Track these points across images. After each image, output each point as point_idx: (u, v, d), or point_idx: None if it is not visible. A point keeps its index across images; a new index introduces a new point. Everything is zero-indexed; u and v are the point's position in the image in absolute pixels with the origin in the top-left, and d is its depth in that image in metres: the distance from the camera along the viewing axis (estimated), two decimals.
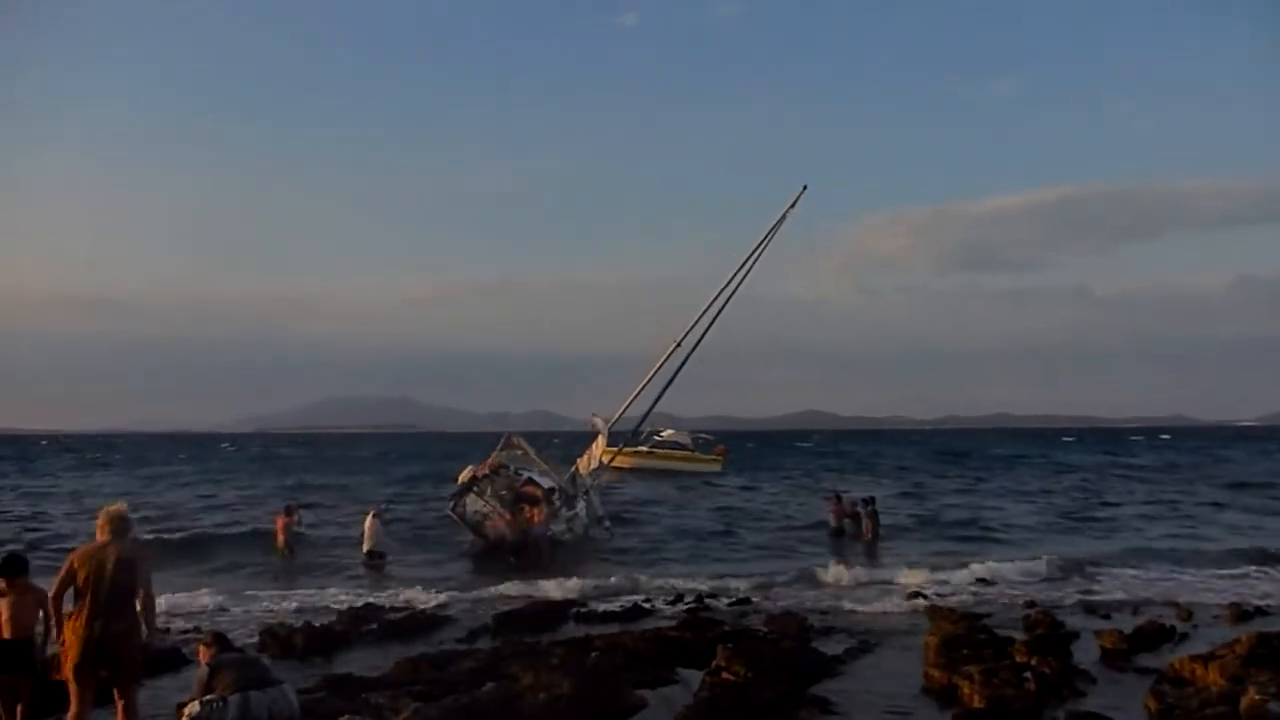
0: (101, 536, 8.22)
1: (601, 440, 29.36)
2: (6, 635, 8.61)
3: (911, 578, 19.99)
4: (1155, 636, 13.77)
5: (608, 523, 27.70)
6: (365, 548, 23.15)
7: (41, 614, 8.57)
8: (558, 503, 25.86)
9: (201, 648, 9.26)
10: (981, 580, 20.10)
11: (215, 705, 8.15)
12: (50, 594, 8.26)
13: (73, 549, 8.59)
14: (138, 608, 8.16)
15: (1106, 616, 16.08)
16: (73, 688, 8.03)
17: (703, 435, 71.78)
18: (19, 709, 8.90)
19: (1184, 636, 14.10)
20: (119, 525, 8.30)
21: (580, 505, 26.90)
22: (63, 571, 8.16)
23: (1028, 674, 10.96)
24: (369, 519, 23.52)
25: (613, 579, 20.25)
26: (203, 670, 8.61)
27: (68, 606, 8.15)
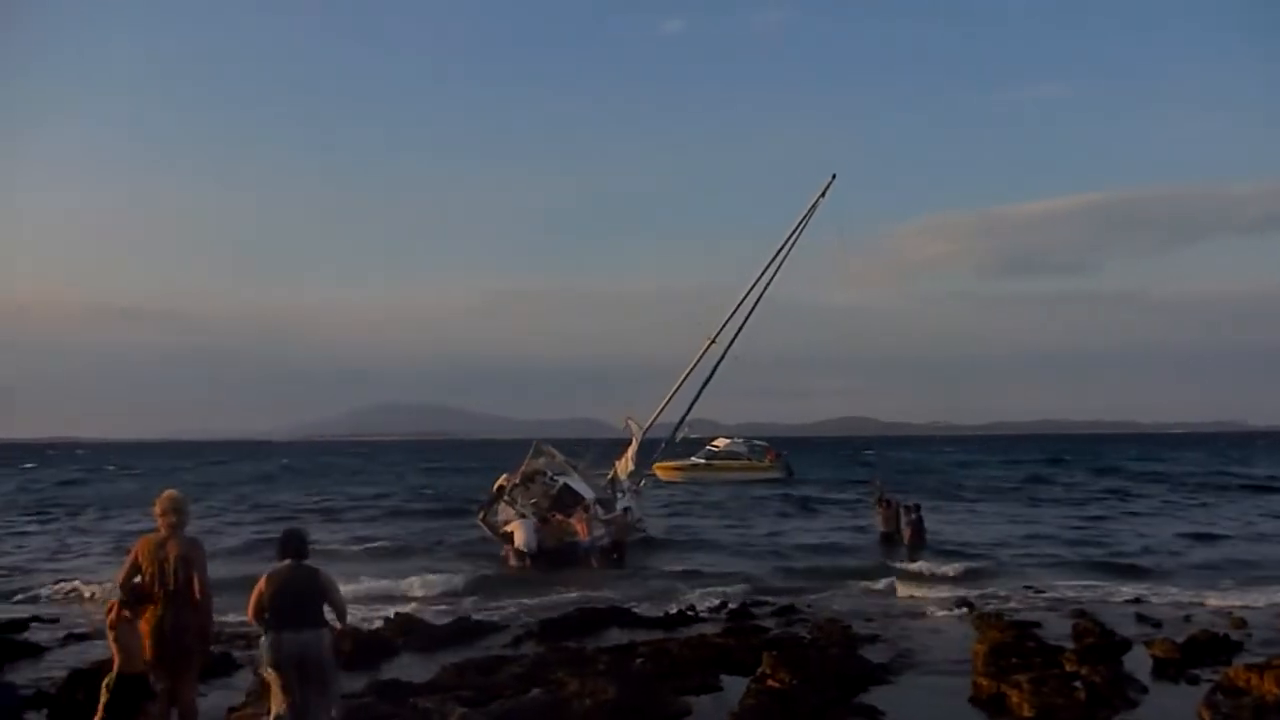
0: (163, 526, 8.34)
1: (636, 444, 29.27)
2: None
3: (959, 585, 19.83)
4: (1208, 646, 13.52)
5: (639, 528, 27.59)
6: (519, 548, 23.47)
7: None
8: (598, 511, 25.84)
9: None
10: (1030, 588, 19.87)
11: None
12: (118, 581, 8.39)
13: (138, 536, 8.73)
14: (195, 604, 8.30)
15: (1158, 625, 15.80)
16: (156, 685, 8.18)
17: (756, 442, 71.78)
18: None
19: (1238, 646, 13.85)
20: (178, 515, 8.39)
21: (619, 509, 26.85)
22: (129, 561, 8.31)
23: (1078, 683, 10.83)
24: (516, 520, 24.01)
25: (657, 585, 20.27)
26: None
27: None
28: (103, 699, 8.04)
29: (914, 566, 22.71)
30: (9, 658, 12.37)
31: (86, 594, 19.42)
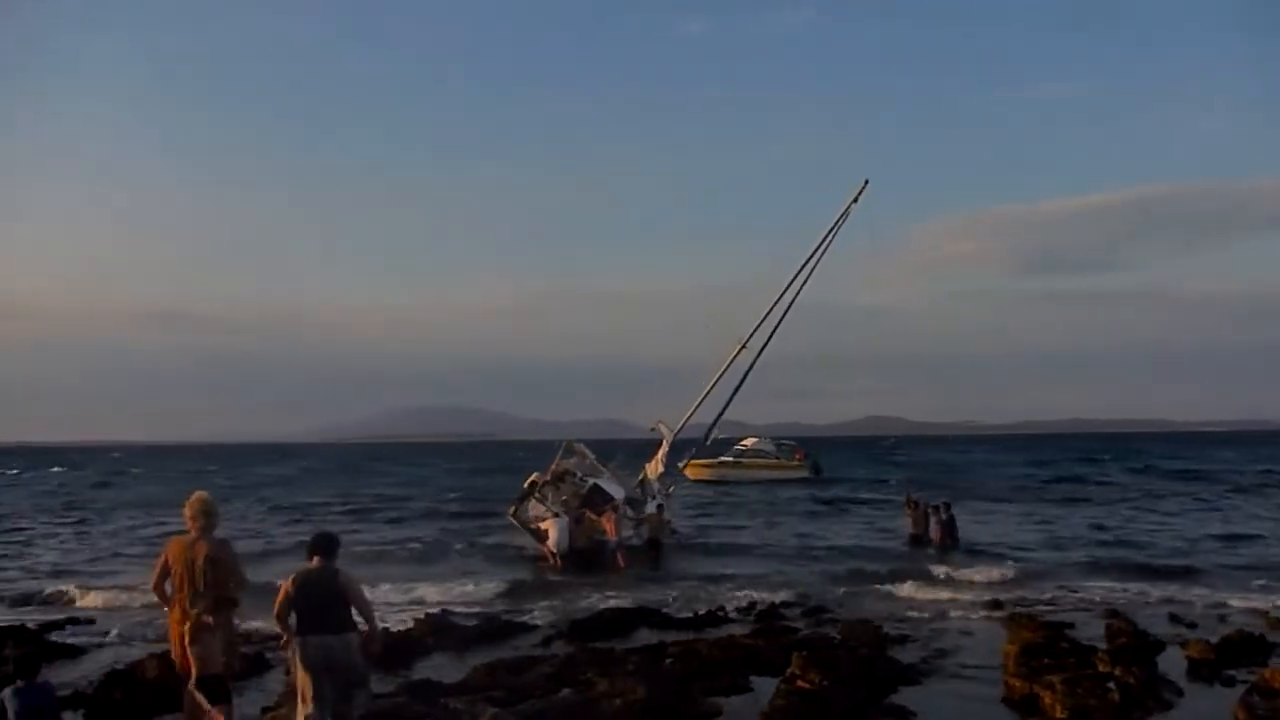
0: (192, 528, 8.43)
1: (666, 446, 29.35)
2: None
3: (989, 585, 19.71)
4: (1244, 646, 13.37)
5: (672, 529, 27.66)
6: (554, 548, 23.61)
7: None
8: (627, 511, 25.90)
9: None
10: (1063, 588, 19.72)
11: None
12: (151, 584, 8.50)
13: (169, 538, 8.83)
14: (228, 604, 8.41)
15: (1192, 626, 15.63)
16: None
17: (785, 441, 71.66)
18: None
19: (1274, 646, 13.68)
20: (207, 517, 8.49)
21: (649, 509, 26.91)
22: (159, 563, 8.42)
23: (1111, 684, 10.75)
24: (550, 518, 24.25)
25: (686, 585, 20.27)
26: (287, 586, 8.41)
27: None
28: (198, 698, 8.24)
29: (943, 567, 22.54)
30: (46, 658, 12.50)
31: (120, 597, 19.59)
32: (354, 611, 8.36)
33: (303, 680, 8.20)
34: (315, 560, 8.35)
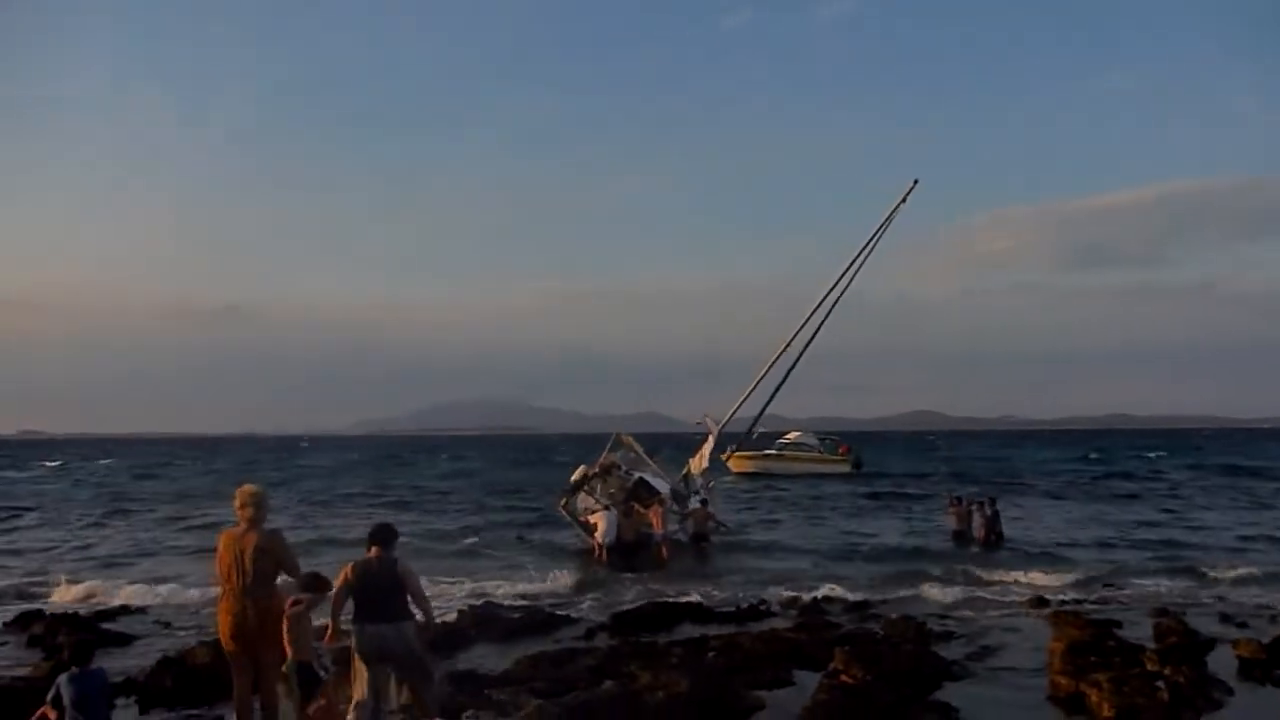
0: (241, 519, 8.57)
1: (712, 440, 29.39)
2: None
3: (1034, 582, 19.51)
4: None
5: (718, 522, 27.66)
6: (602, 540, 23.70)
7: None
8: (672, 505, 25.94)
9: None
10: (1110, 586, 19.48)
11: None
12: (213, 577, 8.66)
13: (219, 529, 8.97)
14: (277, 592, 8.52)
15: (1243, 625, 15.36)
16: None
17: (830, 436, 71.33)
18: None
19: None
20: (256, 508, 8.61)
21: (693, 504, 26.94)
22: (217, 555, 8.58)
23: (1160, 683, 10.60)
24: (599, 511, 24.36)
25: (728, 579, 20.26)
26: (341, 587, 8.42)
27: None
28: (292, 683, 8.29)
29: (987, 564, 22.36)
30: (100, 645, 12.75)
31: (169, 587, 19.88)
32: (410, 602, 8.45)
33: (357, 668, 8.31)
34: (374, 550, 8.45)
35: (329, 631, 8.56)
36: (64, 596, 19.05)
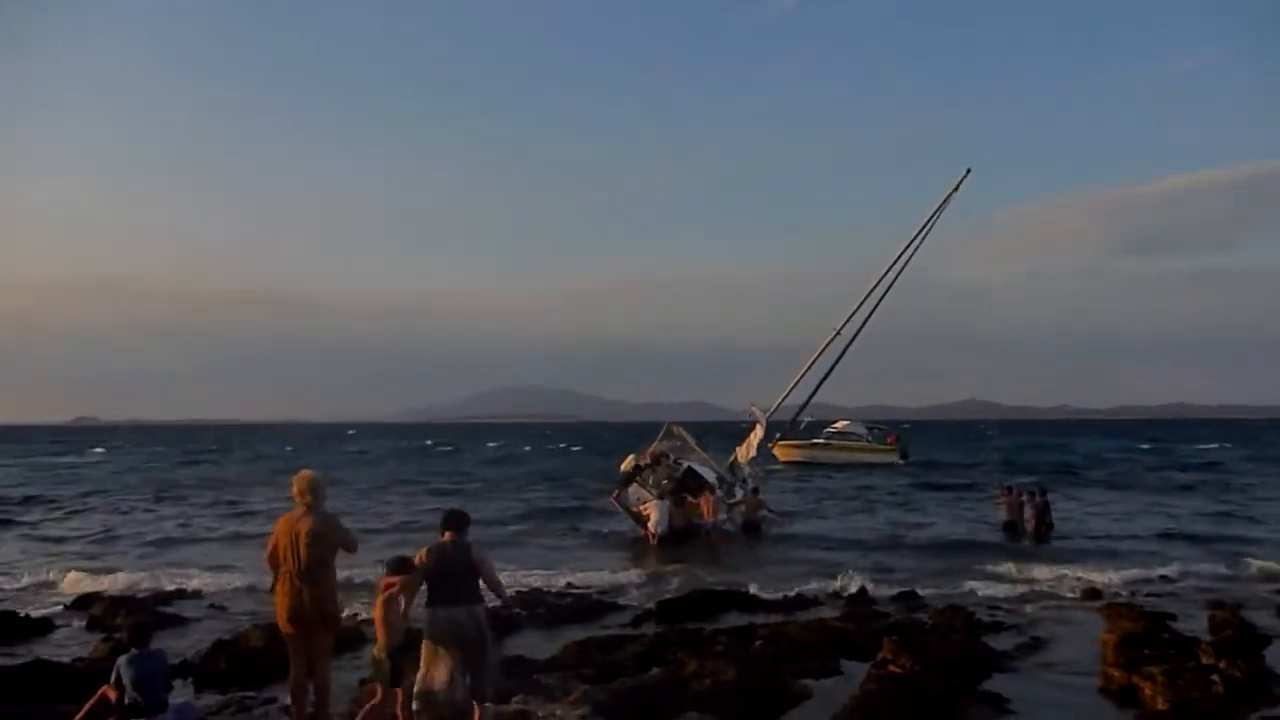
0: (299, 504, 8.69)
1: (759, 429, 29.34)
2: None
3: (1087, 573, 19.25)
4: None
5: (767, 511, 27.63)
6: (654, 529, 23.85)
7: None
8: (721, 494, 25.95)
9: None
10: (1164, 578, 19.17)
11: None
12: (265, 559, 8.81)
13: (278, 514, 9.10)
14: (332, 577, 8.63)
15: None
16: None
17: (879, 426, 70.84)
18: None
19: None
20: (313, 494, 8.72)
21: (739, 494, 26.94)
22: (270, 540, 8.72)
23: (1215, 677, 10.41)
24: (651, 501, 24.58)
25: (775, 569, 20.22)
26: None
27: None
28: (386, 668, 8.47)
29: (1038, 555, 22.11)
30: (158, 628, 13.02)
31: (225, 572, 20.22)
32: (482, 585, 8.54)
33: (426, 650, 8.42)
34: (448, 534, 8.55)
35: (401, 614, 8.68)
36: (121, 580, 19.45)
